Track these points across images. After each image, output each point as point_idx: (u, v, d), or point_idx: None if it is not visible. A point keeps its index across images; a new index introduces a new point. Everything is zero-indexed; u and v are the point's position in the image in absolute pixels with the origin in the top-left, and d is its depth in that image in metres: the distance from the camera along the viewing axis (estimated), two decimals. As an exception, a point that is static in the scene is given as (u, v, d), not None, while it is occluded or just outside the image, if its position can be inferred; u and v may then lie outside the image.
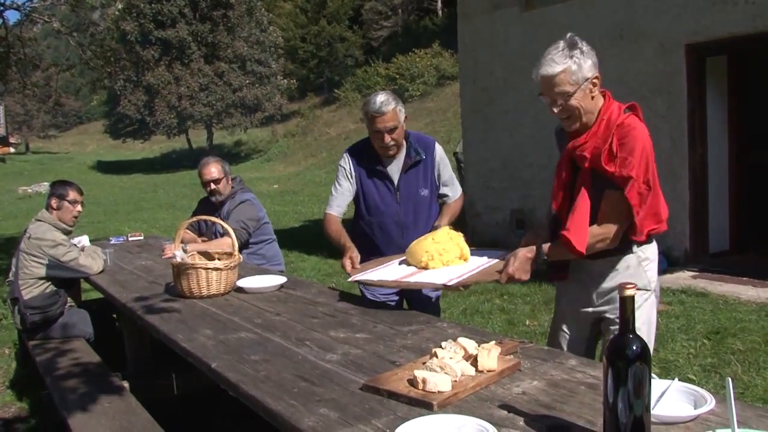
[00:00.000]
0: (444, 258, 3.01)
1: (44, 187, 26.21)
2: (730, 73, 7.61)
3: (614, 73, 7.88)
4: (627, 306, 1.46)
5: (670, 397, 1.72)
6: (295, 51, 42.26)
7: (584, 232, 2.48)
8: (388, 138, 3.46)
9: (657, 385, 1.71)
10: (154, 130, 37.60)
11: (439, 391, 1.80)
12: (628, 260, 2.61)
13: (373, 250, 3.60)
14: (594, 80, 2.49)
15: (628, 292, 1.45)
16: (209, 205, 5.07)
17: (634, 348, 1.44)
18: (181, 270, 3.37)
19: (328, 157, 27.41)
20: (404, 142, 3.59)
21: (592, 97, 2.52)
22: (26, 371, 5.18)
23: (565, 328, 2.77)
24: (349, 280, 3.09)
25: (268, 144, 36.56)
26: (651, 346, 2.61)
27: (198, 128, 38.72)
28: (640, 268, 2.61)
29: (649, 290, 2.63)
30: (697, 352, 4.88)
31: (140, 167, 38.09)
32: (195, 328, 2.79)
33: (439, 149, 3.71)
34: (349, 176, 3.65)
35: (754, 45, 7.02)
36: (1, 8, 8.12)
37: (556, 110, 2.54)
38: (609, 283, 2.63)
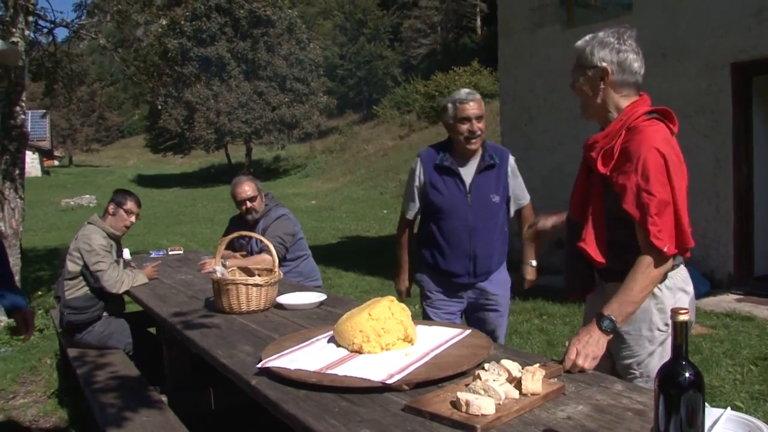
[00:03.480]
0: (384, 340, 2.37)
1: (86, 199, 26.77)
2: (777, 92, 7.48)
3: (657, 93, 7.75)
4: (679, 331, 1.41)
5: (722, 427, 1.66)
6: (334, 69, 42.64)
7: (600, 239, 2.30)
8: (476, 125, 3.40)
9: (708, 413, 1.64)
10: (193, 146, 38.15)
11: (482, 414, 1.76)
12: None
13: (438, 258, 3.54)
14: (601, 73, 2.31)
15: (681, 318, 1.40)
16: (242, 223, 5.06)
17: (687, 375, 1.38)
18: (221, 285, 3.38)
19: (366, 174, 27.52)
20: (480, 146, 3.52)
21: (599, 91, 2.32)
22: (67, 381, 5.25)
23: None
24: (258, 366, 2.31)
25: (306, 160, 36.87)
26: None
27: (237, 143, 39.20)
28: (651, 302, 2.31)
29: (663, 331, 2.32)
30: (744, 378, 4.74)
31: (179, 181, 38.64)
32: (234, 344, 2.79)
33: (512, 160, 3.67)
34: (419, 178, 3.57)
35: (803, 64, 6.88)
36: (52, 26, 8.32)
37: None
38: None
